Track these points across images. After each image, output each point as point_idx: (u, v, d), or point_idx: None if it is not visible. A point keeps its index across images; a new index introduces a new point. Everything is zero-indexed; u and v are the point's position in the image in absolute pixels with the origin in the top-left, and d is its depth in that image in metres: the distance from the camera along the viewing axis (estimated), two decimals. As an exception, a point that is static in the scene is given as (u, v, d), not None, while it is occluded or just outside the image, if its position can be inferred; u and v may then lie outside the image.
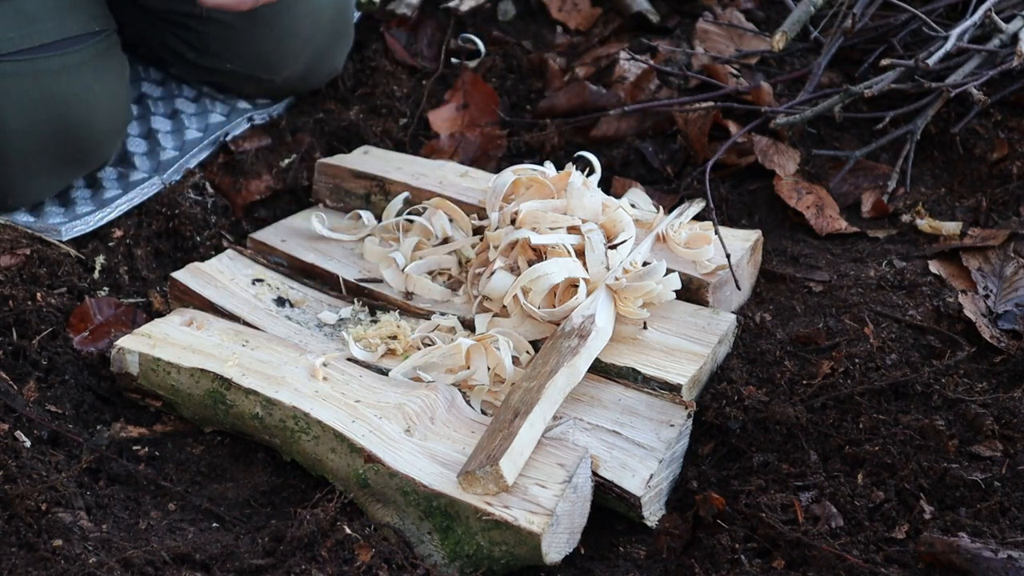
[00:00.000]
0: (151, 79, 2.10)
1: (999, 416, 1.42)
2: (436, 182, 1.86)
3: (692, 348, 1.56)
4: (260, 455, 1.56)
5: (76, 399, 1.60)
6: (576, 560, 1.39)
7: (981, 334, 1.56)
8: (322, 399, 1.48)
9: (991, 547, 1.25)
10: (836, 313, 1.64)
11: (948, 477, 1.37)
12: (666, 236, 1.72)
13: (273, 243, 1.82)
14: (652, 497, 1.43)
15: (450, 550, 1.37)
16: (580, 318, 1.54)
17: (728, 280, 1.68)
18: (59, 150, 1.79)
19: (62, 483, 1.41)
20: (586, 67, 2.26)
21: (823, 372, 1.53)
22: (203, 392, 1.54)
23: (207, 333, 1.61)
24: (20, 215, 1.82)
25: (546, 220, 1.66)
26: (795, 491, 1.39)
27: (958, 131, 1.95)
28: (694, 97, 2.06)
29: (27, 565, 1.29)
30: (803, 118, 1.94)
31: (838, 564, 1.29)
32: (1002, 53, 1.96)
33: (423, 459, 1.40)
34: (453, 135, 2.14)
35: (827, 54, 2.05)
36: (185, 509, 1.47)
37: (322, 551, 1.31)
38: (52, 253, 1.77)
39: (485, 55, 2.29)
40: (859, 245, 1.84)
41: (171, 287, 1.74)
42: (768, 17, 2.35)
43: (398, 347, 1.59)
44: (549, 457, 1.38)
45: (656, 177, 2.02)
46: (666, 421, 1.48)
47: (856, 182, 1.95)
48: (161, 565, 1.31)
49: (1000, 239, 1.74)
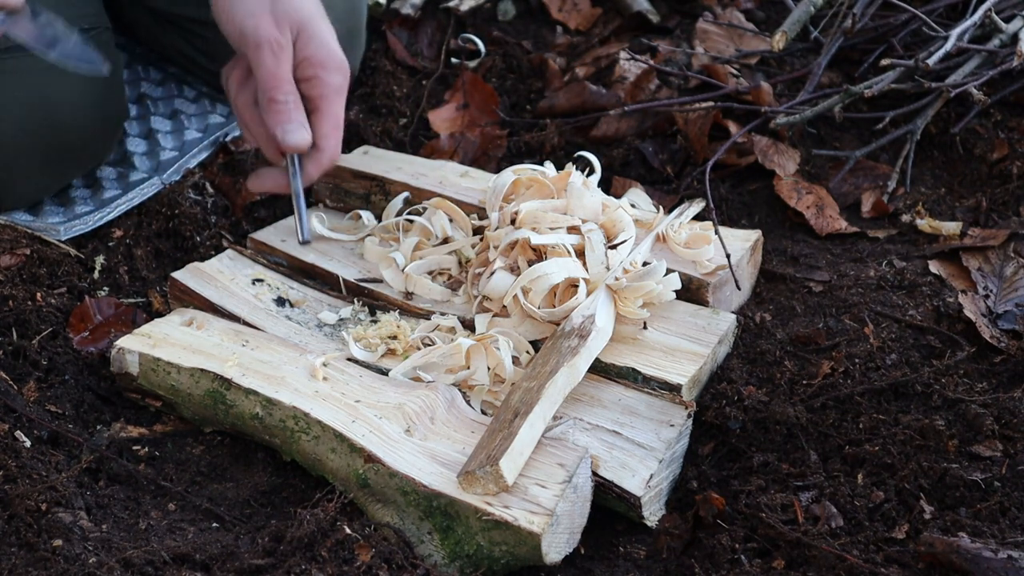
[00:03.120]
0: (151, 79, 2.09)
1: (999, 416, 1.42)
2: (436, 182, 1.86)
3: (692, 348, 1.56)
4: (260, 455, 1.56)
5: (76, 399, 1.60)
6: (576, 560, 1.39)
7: (981, 334, 1.56)
8: (322, 399, 1.48)
9: (991, 547, 1.25)
10: (836, 313, 1.64)
11: (948, 477, 1.37)
12: (666, 236, 1.72)
13: (273, 243, 1.82)
14: (652, 497, 1.43)
15: (450, 550, 1.37)
16: (580, 318, 1.54)
17: (728, 280, 1.68)
18: (48, 150, 1.77)
19: (62, 483, 1.41)
20: (586, 67, 2.26)
21: (823, 372, 1.53)
22: (203, 392, 1.54)
23: (207, 333, 1.61)
24: (20, 215, 1.82)
25: (546, 220, 1.66)
26: (795, 491, 1.39)
27: (958, 131, 1.95)
28: (694, 97, 2.06)
29: (27, 565, 1.29)
30: (803, 118, 1.94)
31: (838, 564, 1.29)
32: (1002, 53, 1.96)
33: (423, 459, 1.40)
34: (453, 135, 2.14)
35: (827, 54, 2.06)
36: (185, 509, 1.47)
37: (322, 551, 1.31)
38: (52, 253, 1.77)
39: (485, 55, 2.29)
40: (859, 245, 1.84)
41: (171, 287, 1.74)
42: (768, 17, 2.35)
43: (398, 347, 1.59)
44: (549, 457, 1.38)
45: (656, 177, 2.02)
46: (666, 421, 1.48)
47: (856, 182, 1.96)
48: (161, 565, 1.31)
49: (1000, 239, 1.74)
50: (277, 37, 1.58)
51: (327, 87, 1.64)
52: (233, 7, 1.58)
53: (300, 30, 1.61)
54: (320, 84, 1.63)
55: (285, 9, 1.59)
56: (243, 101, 1.65)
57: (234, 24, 1.58)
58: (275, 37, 1.58)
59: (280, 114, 1.61)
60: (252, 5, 1.57)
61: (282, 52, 1.59)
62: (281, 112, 1.61)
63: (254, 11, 1.57)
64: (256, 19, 1.57)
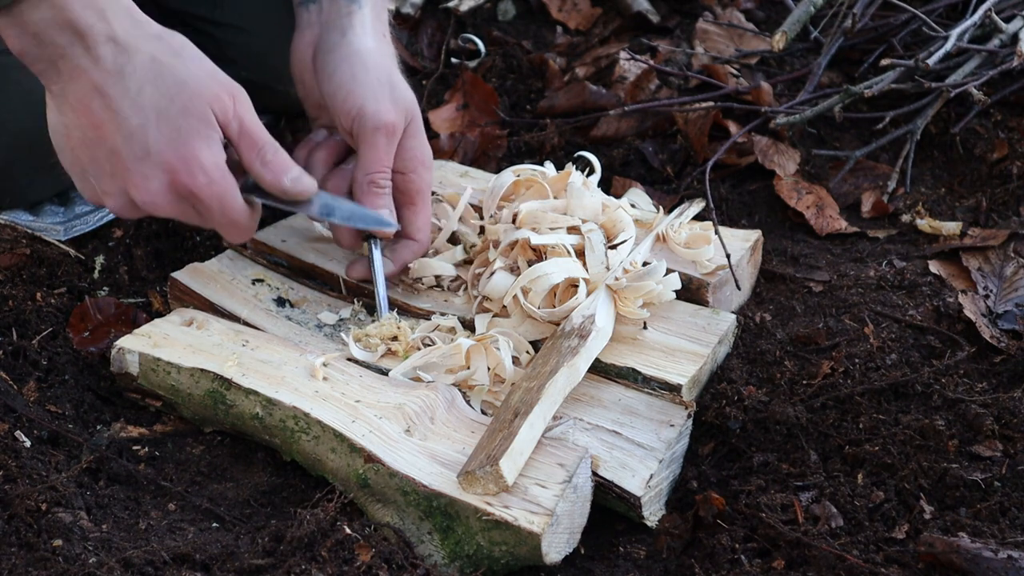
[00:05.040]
0: (151, 79, 2.09)
1: (999, 416, 1.42)
2: (436, 182, 1.86)
3: (692, 348, 1.56)
4: (260, 455, 1.56)
5: (76, 399, 1.60)
6: (576, 560, 1.39)
7: (981, 334, 1.56)
8: (322, 399, 1.48)
9: (991, 547, 1.25)
10: (836, 313, 1.64)
11: (948, 477, 1.37)
12: (666, 236, 1.72)
13: (273, 243, 1.82)
14: (652, 497, 1.43)
15: (450, 550, 1.37)
16: (580, 318, 1.54)
17: (728, 280, 1.68)
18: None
19: (62, 483, 1.41)
20: (586, 67, 2.27)
21: (823, 372, 1.53)
22: (203, 392, 1.54)
23: (207, 333, 1.61)
24: (20, 215, 1.82)
25: (546, 220, 1.66)
26: (795, 491, 1.39)
27: (958, 131, 1.95)
28: (694, 97, 2.06)
29: (27, 565, 1.29)
30: (803, 118, 1.94)
31: (838, 564, 1.29)
32: (1002, 53, 1.96)
33: (423, 459, 1.40)
34: (453, 135, 2.14)
35: (827, 54, 2.06)
36: (185, 509, 1.46)
37: (322, 551, 1.31)
38: (52, 253, 1.77)
39: (485, 55, 2.29)
40: (859, 245, 1.84)
41: (171, 287, 1.74)
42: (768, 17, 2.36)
43: (399, 348, 1.59)
44: (549, 457, 1.38)
45: (656, 177, 2.02)
46: (666, 421, 1.48)
47: (856, 182, 1.96)
48: (161, 565, 1.31)
49: (1000, 239, 1.74)
50: (396, 123, 1.61)
51: (424, 183, 1.68)
52: (355, 85, 1.60)
53: (411, 121, 1.65)
54: (419, 180, 1.67)
55: (402, 97, 1.62)
56: (335, 184, 1.67)
57: (353, 102, 1.59)
58: (394, 123, 1.60)
59: (379, 197, 1.63)
60: (375, 89, 1.60)
61: (395, 140, 1.62)
62: (379, 196, 1.63)
63: (377, 95, 1.59)
64: (378, 103, 1.59)
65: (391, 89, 1.62)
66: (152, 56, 1.40)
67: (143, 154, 1.41)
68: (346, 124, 1.62)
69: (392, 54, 1.69)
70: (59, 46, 1.36)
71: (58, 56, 1.37)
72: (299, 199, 1.52)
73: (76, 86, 1.39)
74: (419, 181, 1.67)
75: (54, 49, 1.37)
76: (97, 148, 1.42)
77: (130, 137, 1.40)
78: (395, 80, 1.64)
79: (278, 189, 1.49)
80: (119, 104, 1.39)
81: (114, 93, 1.39)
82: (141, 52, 1.40)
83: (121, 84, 1.39)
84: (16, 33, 1.36)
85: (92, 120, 1.40)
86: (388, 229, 1.61)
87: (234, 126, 1.46)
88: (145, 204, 1.44)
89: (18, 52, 1.38)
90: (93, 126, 1.40)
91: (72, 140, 1.43)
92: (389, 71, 1.64)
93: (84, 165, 1.45)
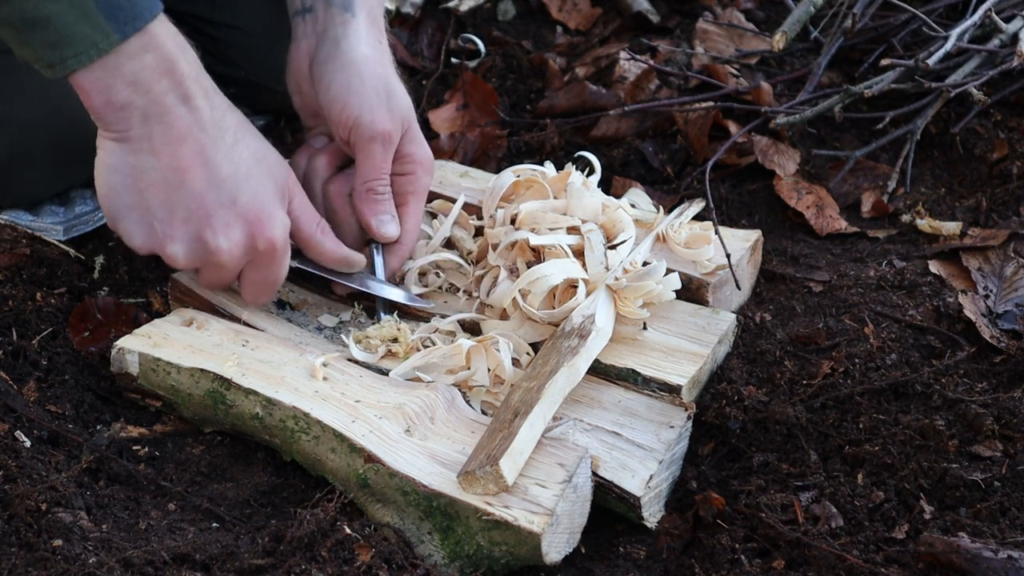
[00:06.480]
0: (152, 79, 2.09)
1: (999, 416, 1.42)
2: (436, 182, 1.85)
3: (692, 348, 1.56)
4: (260, 455, 1.56)
5: (76, 399, 1.60)
6: (576, 560, 1.39)
7: (981, 334, 1.56)
8: (322, 399, 1.48)
9: (991, 547, 1.25)
10: (836, 313, 1.64)
11: (948, 477, 1.37)
12: (666, 236, 1.72)
13: (273, 243, 1.82)
14: (652, 498, 1.43)
15: (450, 550, 1.37)
16: (580, 318, 1.54)
17: (728, 280, 1.68)
18: (56, 148, 1.77)
19: (62, 483, 1.41)
20: (586, 67, 2.26)
21: (823, 372, 1.53)
22: (203, 392, 1.54)
23: (207, 333, 1.61)
24: (20, 215, 1.82)
25: (546, 221, 1.66)
26: (795, 491, 1.39)
27: (958, 131, 1.95)
28: (694, 97, 2.06)
29: (27, 565, 1.29)
30: (803, 118, 1.94)
31: (838, 564, 1.29)
32: (1002, 53, 1.96)
33: (423, 459, 1.40)
34: (453, 135, 2.14)
35: (827, 54, 2.06)
36: (185, 509, 1.46)
37: (322, 551, 1.31)
38: (52, 253, 1.77)
39: (485, 55, 2.29)
40: (859, 245, 1.84)
41: (171, 287, 1.73)
42: (768, 17, 2.36)
43: (399, 350, 1.59)
44: (549, 457, 1.38)
45: (656, 177, 2.02)
46: (666, 422, 1.48)
47: (856, 182, 1.96)
48: (161, 565, 1.31)
49: (1000, 239, 1.74)
50: (392, 132, 1.63)
51: (420, 185, 1.70)
52: (351, 96, 1.62)
53: (408, 128, 1.67)
54: (415, 182, 1.69)
55: (398, 105, 1.65)
56: (336, 189, 1.69)
57: (349, 113, 1.62)
58: (390, 131, 1.63)
59: (378, 204, 1.66)
60: (371, 99, 1.62)
61: (391, 147, 1.65)
62: (379, 203, 1.66)
63: (372, 105, 1.62)
64: (373, 113, 1.62)
65: (387, 97, 1.64)
66: (240, 119, 1.50)
67: (229, 202, 1.46)
68: (343, 135, 1.64)
69: (389, 60, 1.70)
70: (156, 93, 1.41)
71: (151, 102, 1.41)
72: (350, 270, 1.65)
73: (164, 130, 1.43)
74: (415, 183, 1.69)
75: (149, 96, 1.41)
76: (176, 191, 1.45)
77: (219, 185, 1.46)
78: (392, 87, 1.65)
79: (338, 257, 1.62)
80: (212, 153, 1.45)
81: (208, 142, 1.45)
82: (233, 112, 1.49)
83: (218, 135, 1.45)
84: (108, 84, 1.39)
85: (178, 164, 1.44)
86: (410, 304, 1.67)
87: (297, 200, 1.56)
88: (217, 249, 1.48)
89: (102, 103, 1.41)
90: (178, 170, 1.44)
91: (144, 182, 1.45)
92: (385, 79, 1.65)
93: (151, 207, 1.47)
